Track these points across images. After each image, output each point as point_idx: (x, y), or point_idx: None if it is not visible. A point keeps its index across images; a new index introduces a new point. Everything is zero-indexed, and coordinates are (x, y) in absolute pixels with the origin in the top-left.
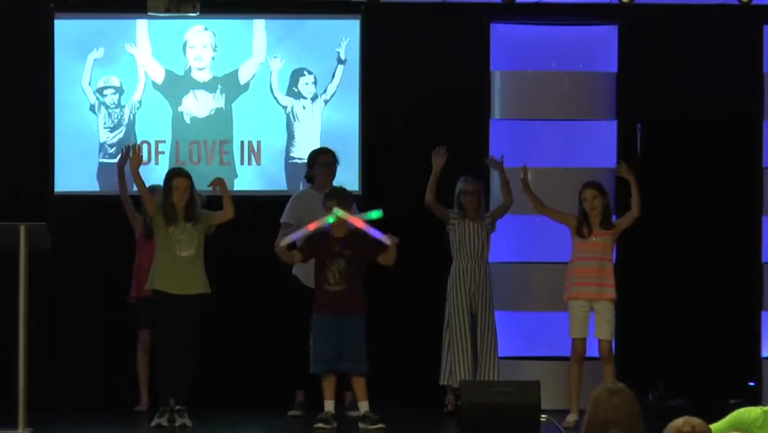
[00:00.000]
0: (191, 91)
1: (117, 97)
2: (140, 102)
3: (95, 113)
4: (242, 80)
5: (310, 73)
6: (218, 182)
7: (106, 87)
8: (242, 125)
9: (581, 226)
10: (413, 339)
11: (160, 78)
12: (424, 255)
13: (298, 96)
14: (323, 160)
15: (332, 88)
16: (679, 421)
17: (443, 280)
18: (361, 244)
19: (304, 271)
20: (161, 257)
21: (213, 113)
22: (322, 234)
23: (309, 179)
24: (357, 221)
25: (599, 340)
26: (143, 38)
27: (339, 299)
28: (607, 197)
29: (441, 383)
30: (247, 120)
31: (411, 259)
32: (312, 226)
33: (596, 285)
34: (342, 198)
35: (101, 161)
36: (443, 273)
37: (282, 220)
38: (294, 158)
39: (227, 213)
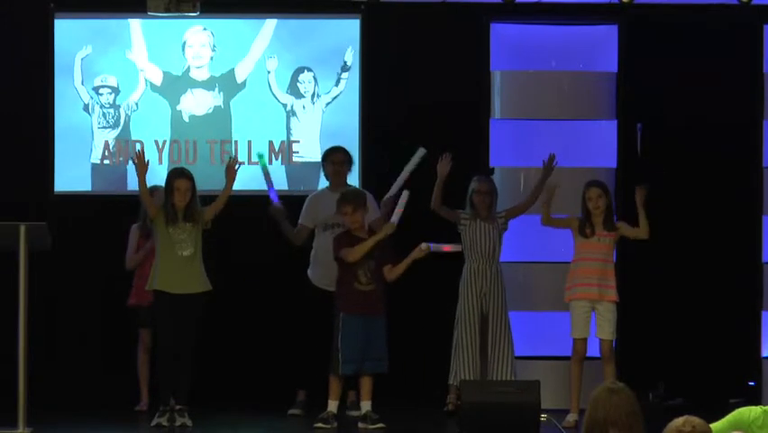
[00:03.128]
0: (189, 90)
1: (113, 97)
2: (137, 102)
3: (88, 112)
4: (239, 79)
5: (310, 71)
6: (232, 164)
7: (102, 87)
8: (242, 125)
9: (584, 226)
10: (413, 339)
11: (158, 80)
12: (426, 255)
13: (299, 95)
14: (331, 159)
15: (335, 91)
16: (679, 421)
17: (447, 281)
18: (380, 247)
19: (317, 273)
20: (162, 258)
21: (211, 111)
22: (347, 234)
23: (327, 177)
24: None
25: (600, 340)
26: (141, 38)
27: (370, 300)
28: (609, 196)
29: (449, 383)
30: (247, 119)
31: (416, 260)
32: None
33: (597, 286)
34: (353, 200)
35: (93, 161)
36: (448, 274)
37: (299, 221)
38: (294, 157)
39: (220, 202)
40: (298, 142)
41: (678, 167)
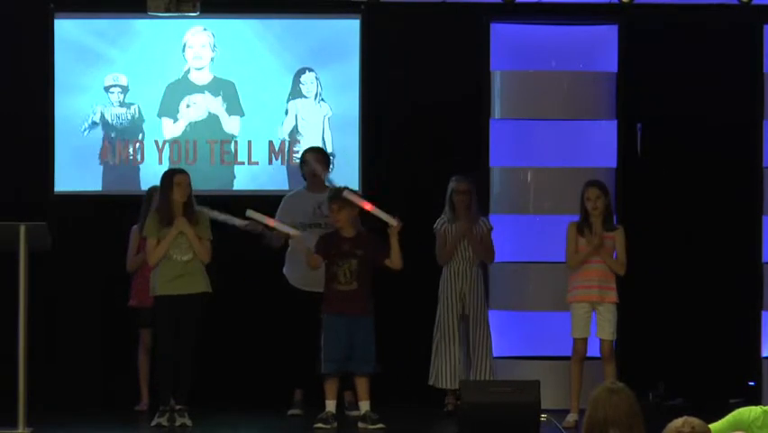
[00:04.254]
0: (191, 94)
1: (123, 96)
2: (143, 101)
3: (99, 118)
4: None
5: (311, 71)
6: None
7: (113, 86)
8: (243, 125)
9: (583, 227)
10: (412, 339)
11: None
12: (423, 255)
13: (300, 95)
14: (306, 158)
15: (332, 88)
16: (678, 421)
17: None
18: (370, 246)
19: (293, 273)
20: (162, 263)
21: (213, 113)
22: (332, 234)
23: (304, 177)
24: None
25: (601, 340)
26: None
27: (349, 299)
28: (609, 197)
29: (429, 384)
30: (247, 120)
31: (411, 259)
32: (271, 222)
33: (598, 288)
34: (337, 199)
35: (100, 161)
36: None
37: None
38: (295, 158)
39: (202, 255)
40: (299, 142)
41: (678, 167)
